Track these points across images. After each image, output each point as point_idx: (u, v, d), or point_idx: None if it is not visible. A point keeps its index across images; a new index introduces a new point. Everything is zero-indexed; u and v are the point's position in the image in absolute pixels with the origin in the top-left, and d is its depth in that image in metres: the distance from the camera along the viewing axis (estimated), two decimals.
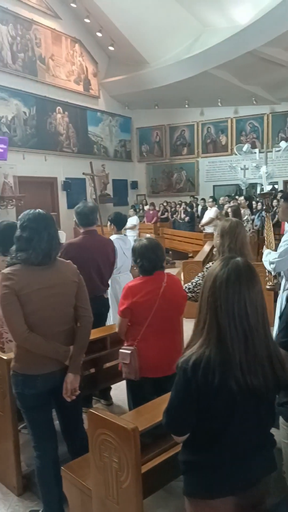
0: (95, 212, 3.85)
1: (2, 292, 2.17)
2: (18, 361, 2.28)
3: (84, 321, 2.37)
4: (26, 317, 2.17)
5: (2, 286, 2.18)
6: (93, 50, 16.27)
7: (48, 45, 14.42)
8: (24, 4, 13.52)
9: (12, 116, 13.52)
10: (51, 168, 14.86)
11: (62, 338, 2.28)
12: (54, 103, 14.85)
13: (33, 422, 2.34)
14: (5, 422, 2.69)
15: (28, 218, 2.26)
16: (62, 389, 2.27)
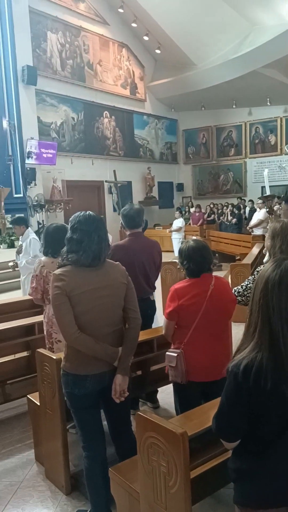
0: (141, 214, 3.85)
1: (54, 293, 2.21)
2: (69, 361, 2.31)
3: (133, 323, 2.37)
4: (76, 318, 2.20)
5: (54, 287, 2.22)
6: (140, 54, 16.41)
7: (96, 51, 14.68)
8: (73, 12, 13.85)
9: (61, 122, 13.87)
10: (98, 172, 15.11)
11: (110, 339, 2.29)
12: (101, 108, 15.09)
13: (82, 422, 2.36)
14: (54, 421, 2.73)
15: (79, 220, 2.29)
16: (111, 390, 2.28)
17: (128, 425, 2.48)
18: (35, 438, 3.09)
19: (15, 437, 3.39)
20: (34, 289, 3.34)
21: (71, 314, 2.19)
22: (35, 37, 12.71)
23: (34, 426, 3.08)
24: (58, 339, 3.30)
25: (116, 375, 2.27)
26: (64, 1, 13.60)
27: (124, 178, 15.92)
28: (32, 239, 5.50)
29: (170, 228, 12.37)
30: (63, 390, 2.37)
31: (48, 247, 3.37)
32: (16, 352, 3.99)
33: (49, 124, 13.54)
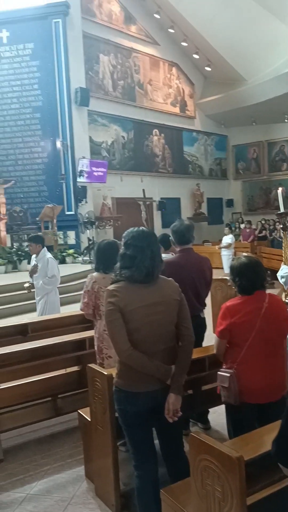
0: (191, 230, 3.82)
1: (107, 309, 2.21)
2: (121, 378, 2.30)
3: (186, 341, 2.32)
4: (129, 334, 2.19)
5: (107, 303, 2.22)
6: (189, 72, 16.58)
7: (146, 70, 14.99)
8: (124, 34, 14.26)
9: (112, 141, 14.20)
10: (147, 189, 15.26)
11: (163, 356, 2.26)
12: (151, 126, 15.33)
13: (134, 441, 2.32)
14: (105, 438, 2.72)
15: (132, 236, 2.29)
16: (163, 409, 2.24)
17: (181, 446, 2.41)
18: (85, 454, 3.08)
19: (65, 452, 3.40)
20: (86, 304, 3.38)
21: (124, 330, 2.18)
22: (88, 60, 13.19)
23: (84, 441, 3.08)
24: (109, 354, 3.31)
25: (169, 394, 2.23)
26: (116, 24, 14.05)
27: (172, 194, 15.99)
28: (49, 258, 5.34)
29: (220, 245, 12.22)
30: (116, 406, 2.35)
31: (99, 263, 3.41)
32: (67, 366, 4.03)
33: (100, 143, 13.90)
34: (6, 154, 12.90)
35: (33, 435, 3.70)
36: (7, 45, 12.62)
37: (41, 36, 12.31)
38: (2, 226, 10.42)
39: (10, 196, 12.08)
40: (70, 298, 7.94)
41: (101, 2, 13.70)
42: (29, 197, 12.88)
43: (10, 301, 7.39)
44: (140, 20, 14.79)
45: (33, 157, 12.81)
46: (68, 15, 12.17)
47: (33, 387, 3.78)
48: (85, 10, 13.06)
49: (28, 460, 3.33)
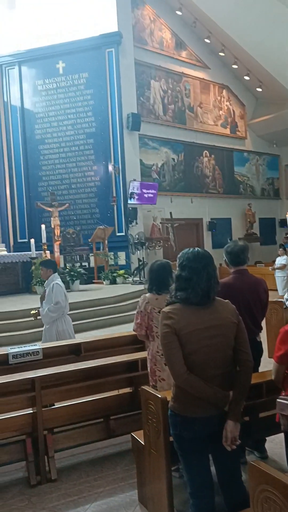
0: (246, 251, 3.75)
1: (163, 331, 2.19)
2: (177, 402, 2.25)
3: (245, 365, 2.25)
4: (186, 358, 2.15)
5: (163, 325, 2.19)
6: (240, 94, 16.60)
7: (196, 94, 15.17)
8: (175, 59, 14.57)
9: (162, 163, 14.39)
10: (196, 210, 15.27)
11: (219, 381, 2.19)
12: (201, 148, 15.41)
13: (190, 467, 2.26)
14: (159, 462, 2.67)
15: (187, 257, 2.26)
16: (220, 435, 2.17)
17: (238, 474, 2.32)
18: (138, 478, 3.03)
19: (118, 475, 3.37)
20: (139, 325, 3.39)
21: (180, 353, 2.14)
22: (140, 86, 13.56)
23: (138, 465, 3.04)
24: (162, 377, 3.28)
25: (227, 421, 2.15)
26: (167, 51, 14.41)
27: (223, 215, 15.87)
28: (55, 284, 5.03)
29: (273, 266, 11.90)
30: (171, 431, 2.31)
31: (152, 284, 3.42)
32: (119, 387, 4.03)
33: (150, 165, 14.13)
34: (61, 179, 13.40)
35: (86, 456, 3.70)
36: (63, 76, 13.25)
37: (95, 65, 12.83)
38: (56, 247, 10.72)
39: (64, 218, 12.49)
40: (121, 318, 8.00)
41: (152, 30, 14.12)
42: (81, 219, 13.24)
43: None
44: (191, 45, 15.07)
45: (86, 181, 13.22)
46: (121, 44, 12.62)
47: (86, 407, 3.80)
48: (137, 39, 13.50)
49: (82, 481, 3.32)
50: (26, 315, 7.40)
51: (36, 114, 13.54)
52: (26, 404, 3.57)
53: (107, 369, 3.88)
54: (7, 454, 3.44)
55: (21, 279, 10.40)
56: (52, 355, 4.18)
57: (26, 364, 3.94)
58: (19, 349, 4.03)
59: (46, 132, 13.48)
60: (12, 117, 13.67)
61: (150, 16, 14.06)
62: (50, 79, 13.36)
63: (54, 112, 13.38)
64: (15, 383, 3.51)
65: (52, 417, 3.64)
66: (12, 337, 6.69)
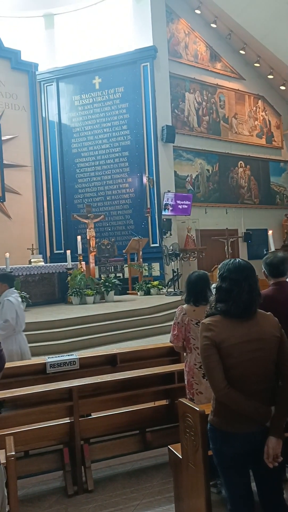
0: (286, 262, 3.68)
1: (203, 343, 2.16)
2: (217, 416, 2.21)
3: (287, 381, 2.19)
4: (226, 372, 2.11)
5: (203, 337, 2.16)
6: (276, 104, 16.44)
7: (231, 105, 15.14)
8: (210, 72, 14.63)
9: (196, 174, 14.40)
10: (231, 221, 15.14)
11: (261, 396, 2.14)
12: (236, 159, 15.32)
13: (230, 484, 2.21)
14: (197, 477, 2.62)
15: (228, 268, 2.22)
16: (262, 452, 2.11)
17: (280, 492, 2.25)
18: (176, 493, 2.99)
19: (155, 488, 3.34)
20: (176, 336, 3.37)
21: (220, 367, 2.10)
22: (174, 99, 13.67)
23: (175, 479, 2.99)
24: (199, 390, 3.24)
25: (269, 438, 2.09)
26: (201, 63, 14.48)
27: (259, 226, 15.64)
28: (7, 300, 4.68)
29: None
30: (211, 446, 2.26)
31: (190, 295, 3.40)
32: (155, 399, 4.01)
33: (184, 177, 14.15)
34: (97, 191, 13.62)
35: (122, 467, 3.69)
36: (99, 91, 13.54)
37: (131, 80, 13.04)
38: (92, 258, 10.87)
39: (99, 230, 12.66)
40: (155, 329, 7.99)
41: (187, 44, 14.25)
42: (116, 230, 13.38)
43: (99, 330, 7.61)
44: (226, 57, 15.09)
45: (121, 193, 13.37)
46: (156, 58, 12.79)
47: (122, 418, 3.80)
48: (172, 53, 13.65)
49: (118, 493, 3.32)
50: (63, 325, 7.53)
51: (72, 129, 13.88)
52: (63, 413, 3.61)
53: (143, 381, 3.87)
54: (46, 463, 3.48)
55: (58, 290, 10.59)
56: (89, 365, 4.22)
57: (63, 374, 4.00)
58: (56, 358, 4.09)
59: (82, 146, 13.77)
60: (50, 132, 14.06)
61: (185, 30, 14.20)
62: (87, 94, 13.68)
63: (90, 126, 13.66)
64: (53, 392, 3.57)
65: (89, 427, 3.66)
66: (49, 346, 6.80)
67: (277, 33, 13.26)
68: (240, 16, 13.40)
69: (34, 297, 9.79)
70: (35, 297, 9.89)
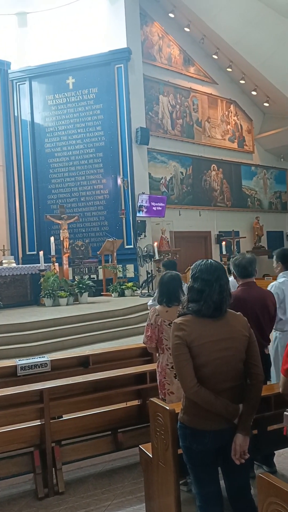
0: (254, 263, 3.77)
1: (174, 342, 2.19)
2: (187, 414, 2.24)
3: (256, 379, 2.24)
4: (196, 370, 2.15)
5: (174, 336, 2.19)
6: (248, 109, 16.74)
7: (204, 109, 15.33)
8: (183, 75, 14.77)
9: (170, 177, 14.50)
10: (205, 223, 15.32)
11: (230, 394, 2.19)
12: (209, 162, 15.52)
13: (199, 480, 2.25)
14: (167, 476, 2.66)
15: (200, 269, 2.26)
16: (230, 449, 2.16)
17: (248, 488, 2.30)
18: (146, 492, 3.01)
19: (126, 488, 3.35)
20: (149, 337, 3.40)
21: (190, 365, 2.14)
22: (148, 101, 13.74)
23: (146, 478, 3.02)
24: (171, 390, 3.28)
25: (237, 435, 2.15)
26: (175, 67, 14.62)
27: (231, 228, 15.88)
28: None
29: None
30: (180, 443, 2.30)
31: (162, 296, 3.44)
32: (127, 400, 4.03)
33: (159, 179, 14.24)
34: (70, 192, 13.53)
35: (94, 468, 3.69)
36: (73, 91, 13.47)
37: (105, 81, 13.03)
38: (65, 259, 10.79)
39: (73, 231, 12.58)
40: (129, 331, 8.00)
41: (161, 47, 14.35)
42: (90, 231, 13.33)
43: (72, 332, 7.56)
44: (199, 61, 15.28)
45: (95, 194, 13.33)
46: (130, 60, 12.82)
47: (94, 419, 3.80)
48: (146, 55, 13.72)
49: (89, 494, 3.31)
50: (34, 327, 7.44)
51: (46, 128, 13.75)
52: (34, 416, 3.58)
53: (115, 381, 3.88)
54: (15, 466, 3.44)
55: (30, 291, 10.46)
56: (61, 367, 4.20)
57: (34, 376, 3.96)
58: (27, 360, 4.06)
59: (56, 146, 13.66)
60: (23, 131, 13.89)
61: (159, 33, 14.30)
62: (60, 94, 13.58)
63: (64, 126, 13.57)
64: (24, 395, 3.53)
65: (60, 429, 3.64)
66: (20, 349, 6.71)
67: (250, 39, 13.52)
68: (213, 21, 13.59)
69: (6, 299, 9.64)
70: (7, 299, 9.73)
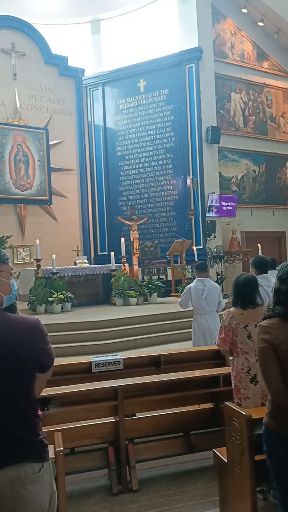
0: None
1: (260, 346, 2.15)
2: (273, 418, 2.18)
3: None
4: (283, 375, 2.09)
5: (260, 339, 2.15)
6: None
7: (279, 104, 14.81)
8: (256, 71, 14.38)
9: (242, 175, 14.17)
10: (278, 222, 14.78)
11: None
12: (284, 159, 14.97)
13: (283, 488, 2.17)
14: (243, 482, 2.59)
15: (287, 270, 2.20)
16: None
17: None
18: (220, 497, 2.96)
19: (199, 491, 3.32)
20: (222, 340, 3.33)
21: (278, 370, 2.08)
22: (220, 99, 13.53)
23: (220, 483, 2.97)
24: (247, 395, 3.19)
25: None
26: (247, 63, 14.25)
27: None
28: None
29: None
30: (264, 448, 2.23)
31: (237, 298, 3.36)
32: (200, 402, 3.99)
33: (229, 178, 13.96)
34: (140, 193, 13.71)
35: (166, 469, 3.70)
36: (144, 93, 13.63)
37: (175, 82, 13.04)
38: (135, 260, 10.94)
39: (142, 232, 12.72)
40: None
41: (233, 43, 14.06)
42: (160, 232, 13.41)
43: (143, 332, 7.65)
44: (273, 55, 14.76)
45: (165, 195, 13.39)
46: (201, 59, 12.71)
47: (167, 420, 3.81)
48: (218, 53, 13.52)
49: (162, 494, 3.32)
50: (107, 325, 7.63)
51: (117, 132, 14.05)
52: (109, 412, 3.66)
53: (187, 383, 3.86)
54: (91, 461, 3.55)
55: (102, 291, 10.75)
56: (133, 365, 4.25)
57: (108, 373, 4.05)
58: (101, 358, 4.15)
59: (127, 149, 13.91)
60: (95, 136, 14.31)
61: (231, 30, 14.02)
62: (132, 98, 13.80)
63: (135, 129, 13.78)
64: (99, 391, 3.63)
65: (134, 427, 3.69)
66: (94, 346, 6.91)
67: None
68: None
69: (79, 298, 10.00)
70: (80, 298, 10.09)
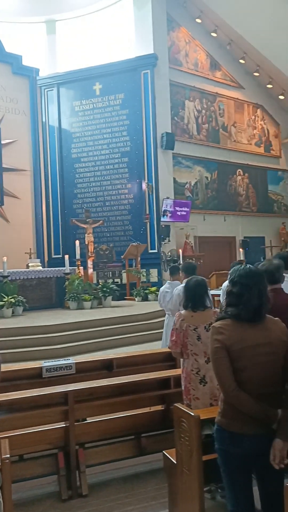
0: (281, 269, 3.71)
1: (213, 346, 2.20)
2: (225, 417, 2.24)
3: None
4: (235, 374, 2.16)
5: (213, 340, 2.21)
6: (275, 113, 16.58)
7: (231, 114, 15.26)
8: (210, 80, 14.75)
9: (195, 182, 14.47)
10: (229, 228, 15.20)
11: (269, 399, 2.17)
12: (235, 167, 15.41)
13: (233, 485, 2.23)
14: (192, 482, 2.63)
15: (239, 274, 2.28)
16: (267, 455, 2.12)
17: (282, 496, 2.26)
18: (170, 498, 2.99)
19: (149, 493, 3.34)
20: (174, 342, 3.38)
21: (230, 369, 2.15)
22: (174, 106, 13.77)
23: (169, 484, 3.00)
24: (196, 396, 3.25)
25: (276, 440, 2.11)
26: (201, 72, 14.61)
27: (256, 233, 15.72)
28: None
29: None
30: (216, 446, 2.27)
31: (188, 301, 3.42)
32: (151, 404, 4.01)
33: (183, 184, 14.22)
34: (96, 196, 13.67)
35: (117, 472, 3.69)
36: (99, 97, 13.63)
37: (131, 87, 13.13)
38: (90, 263, 10.88)
39: (98, 235, 12.68)
40: (152, 335, 7.98)
41: (187, 52, 14.37)
42: (115, 236, 13.42)
43: (96, 336, 7.61)
44: (225, 65, 15.22)
45: (120, 199, 13.43)
46: (156, 66, 12.89)
47: (118, 423, 3.80)
48: (173, 60, 13.76)
49: (112, 498, 3.31)
50: (59, 329, 7.52)
51: (72, 134, 13.95)
52: (59, 417, 3.61)
53: (139, 386, 3.88)
54: (40, 467, 3.47)
55: (55, 294, 10.59)
56: (85, 369, 4.22)
57: (59, 378, 4.00)
58: (52, 362, 4.09)
59: (82, 151, 13.83)
60: (50, 136, 14.13)
61: (186, 38, 14.33)
62: (87, 100, 13.76)
63: (91, 132, 13.74)
64: (49, 396, 3.56)
65: (84, 431, 3.66)
66: (45, 351, 6.79)
67: (277, 43, 13.40)
68: (240, 25, 13.54)
69: (31, 302, 9.78)
70: (32, 302, 9.88)
